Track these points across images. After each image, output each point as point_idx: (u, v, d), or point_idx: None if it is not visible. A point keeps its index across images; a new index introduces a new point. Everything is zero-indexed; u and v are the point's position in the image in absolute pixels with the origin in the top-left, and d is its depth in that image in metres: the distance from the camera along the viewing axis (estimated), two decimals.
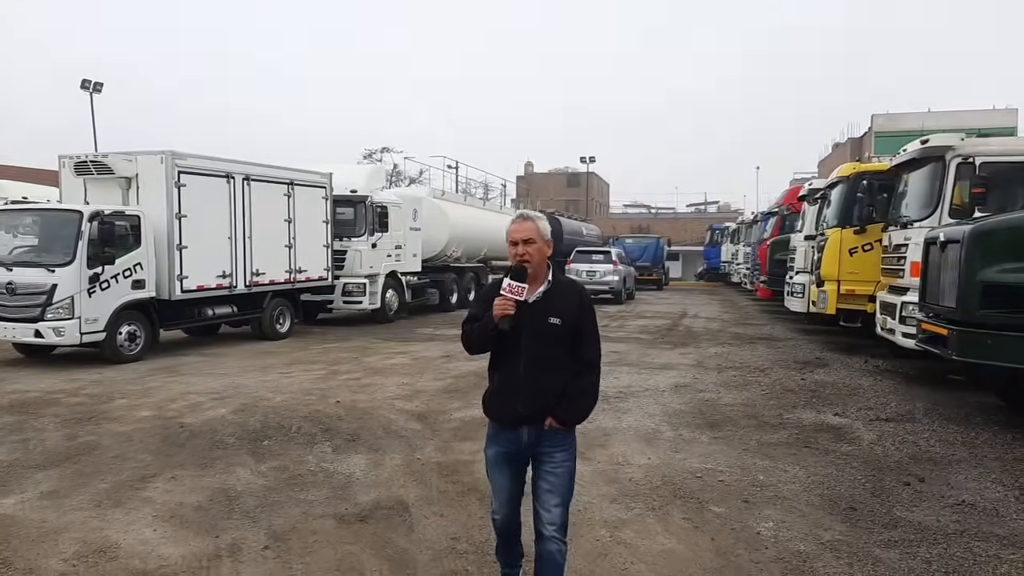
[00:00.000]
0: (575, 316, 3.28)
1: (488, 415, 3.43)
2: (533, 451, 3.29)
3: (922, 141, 10.23)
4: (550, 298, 3.27)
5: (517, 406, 3.24)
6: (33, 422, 7.47)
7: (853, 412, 8.09)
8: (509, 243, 3.31)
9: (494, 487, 3.43)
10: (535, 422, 3.25)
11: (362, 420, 7.54)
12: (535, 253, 3.25)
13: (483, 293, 3.47)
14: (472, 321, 3.36)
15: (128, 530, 4.62)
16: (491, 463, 3.41)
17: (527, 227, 3.28)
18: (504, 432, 3.34)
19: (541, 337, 3.22)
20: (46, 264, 10.48)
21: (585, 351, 3.32)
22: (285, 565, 4.10)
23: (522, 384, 3.23)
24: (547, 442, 3.27)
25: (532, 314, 3.20)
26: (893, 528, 4.72)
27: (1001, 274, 7.05)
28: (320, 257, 15.29)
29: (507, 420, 3.31)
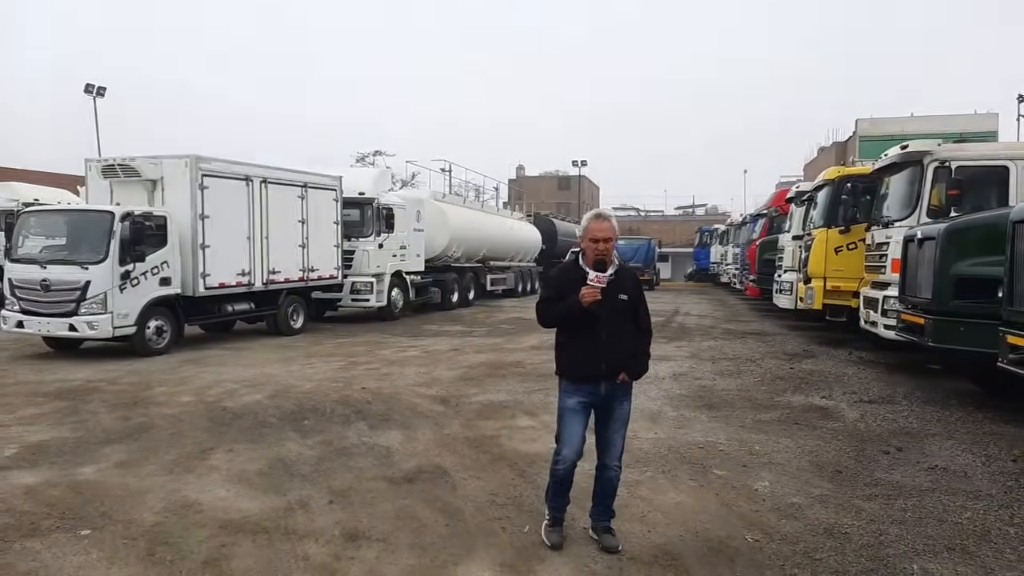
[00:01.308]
0: (636, 293, 4.17)
1: (569, 374, 4.16)
2: (606, 401, 4.10)
3: (902, 147, 10.97)
4: (619, 279, 4.06)
5: (601, 365, 4.02)
6: (84, 406, 8.07)
7: (839, 395, 8.80)
8: (589, 239, 4.04)
9: (568, 433, 4.10)
10: (611, 378, 4.06)
11: (389, 403, 8.19)
12: (610, 249, 4.03)
13: (554, 279, 4.33)
14: (549, 301, 4.16)
15: (204, 490, 5.25)
16: (570, 411, 4.11)
17: (607, 227, 4.04)
18: (584, 385, 4.08)
19: (616, 311, 4.04)
20: (80, 262, 11.06)
21: (643, 320, 4.23)
22: (352, 515, 4.75)
23: (604, 348, 4.00)
24: (619, 394, 4.13)
25: (607, 294, 3.96)
26: (874, 486, 5.41)
27: (972, 268, 7.80)
28: (331, 256, 15.92)
29: (590, 377, 4.06)
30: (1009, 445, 6.56)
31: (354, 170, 18.41)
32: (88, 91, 34.64)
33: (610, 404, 4.12)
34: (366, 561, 4.05)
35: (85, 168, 13.15)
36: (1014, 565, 4.03)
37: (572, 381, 4.14)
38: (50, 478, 5.52)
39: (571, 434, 4.08)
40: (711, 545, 4.29)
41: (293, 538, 4.36)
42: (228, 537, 4.38)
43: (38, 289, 11.19)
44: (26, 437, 6.73)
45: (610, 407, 4.12)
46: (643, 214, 80.00)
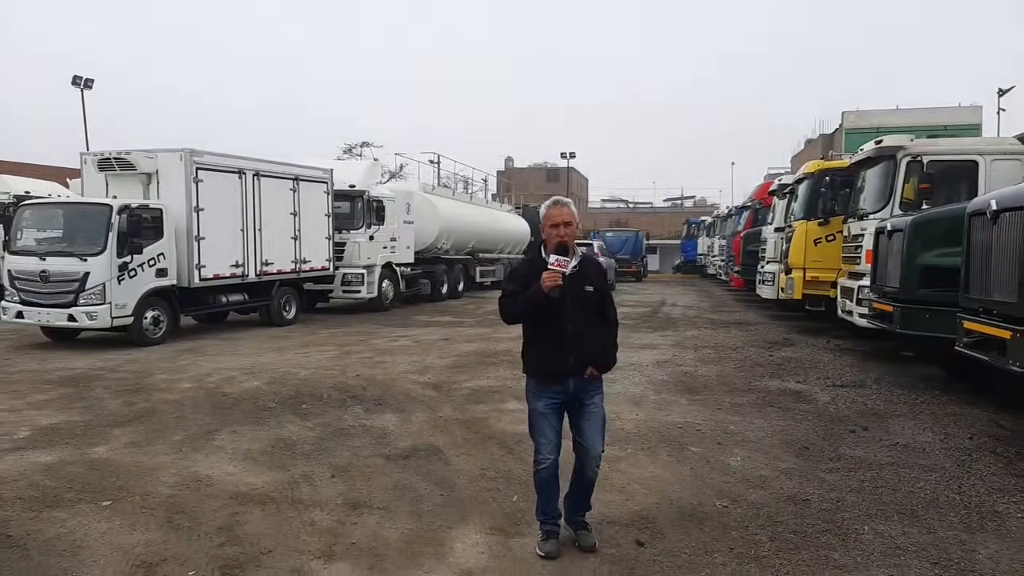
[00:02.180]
0: (601, 284, 4.09)
1: (536, 373, 4.01)
2: (576, 397, 3.96)
3: (876, 142, 11.41)
4: (584, 270, 3.95)
5: (568, 361, 3.87)
6: (89, 393, 8.39)
7: (813, 380, 9.23)
8: (549, 226, 3.94)
9: (542, 438, 3.96)
10: (579, 373, 3.92)
11: (383, 389, 8.54)
12: (571, 234, 3.93)
13: (517, 272, 4.24)
14: (513, 295, 3.98)
15: (213, 467, 5.60)
16: (540, 415, 3.97)
17: (565, 212, 3.94)
18: (552, 385, 3.95)
19: (582, 303, 3.92)
20: (79, 254, 11.33)
21: (609, 312, 4.13)
22: (353, 487, 5.11)
23: (571, 342, 3.86)
24: (588, 388, 3.99)
25: (572, 284, 3.83)
26: (837, 460, 5.83)
27: (937, 258, 8.24)
28: (322, 248, 16.23)
29: (557, 374, 3.92)
30: (968, 425, 6.99)
31: (345, 163, 18.73)
32: (76, 83, 34.61)
33: (581, 400, 3.98)
34: (368, 526, 4.42)
35: (80, 161, 13.39)
36: (955, 525, 4.44)
37: (539, 380, 4.00)
38: (66, 457, 5.85)
39: (545, 437, 3.96)
40: (684, 511, 4.68)
41: (299, 507, 4.73)
42: (239, 507, 4.73)
43: (37, 280, 11.46)
44: (38, 420, 7.05)
45: (581, 403, 3.98)
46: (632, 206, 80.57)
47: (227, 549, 4.09)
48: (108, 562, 3.92)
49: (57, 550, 4.09)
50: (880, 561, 3.94)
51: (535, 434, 4.01)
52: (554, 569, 3.88)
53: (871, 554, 4.03)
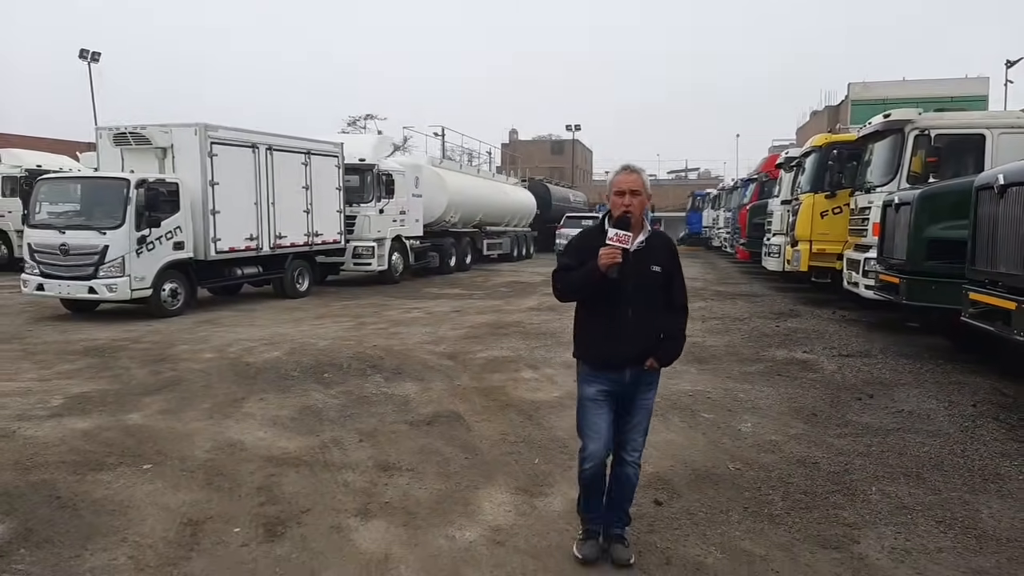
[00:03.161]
0: (670, 264, 3.55)
1: (589, 358, 3.59)
2: (630, 390, 3.54)
3: (885, 115, 11.49)
4: (651, 247, 3.49)
5: (626, 348, 3.45)
6: (114, 363, 8.62)
7: (819, 350, 9.43)
8: (614, 193, 3.45)
9: (590, 428, 3.54)
10: (638, 363, 3.49)
11: (401, 359, 8.76)
12: (639, 204, 3.42)
13: (573, 244, 3.68)
14: (565, 270, 3.53)
15: (244, 433, 5.83)
16: (591, 401, 3.54)
17: (633, 179, 3.43)
18: (605, 372, 3.51)
19: (645, 284, 3.45)
20: (98, 227, 11.52)
21: (679, 296, 3.61)
22: (381, 451, 5.35)
23: (630, 328, 3.43)
24: (645, 382, 3.57)
25: (636, 262, 3.39)
26: (845, 426, 6.04)
27: (944, 231, 8.39)
28: (334, 221, 16.39)
29: (613, 361, 3.49)
30: (971, 393, 7.20)
31: (354, 137, 18.85)
32: (83, 56, 34.57)
33: (634, 394, 3.56)
34: (399, 486, 4.65)
35: (96, 136, 13.53)
36: (958, 487, 4.67)
37: (592, 366, 3.57)
38: (101, 423, 6.08)
39: (594, 428, 3.53)
40: (698, 473, 4.91)
41: (332, 469, 4.96)
42: (274, 469, 4.97)
43: (57, 253, 11.65)
44: (69, 389, 7.28)
45: (633, 397, 3.57)
46: None
47: (268, 508, 4.32)
48: (157, 520, 4.16)
49: (106, 510, 4.32)
50: (887, 519, 4.16)
51: (583, 424, 3.59)
52: (579, 526, 4.09)
53: (879, 513, 4.25)
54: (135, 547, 3.83)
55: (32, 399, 6.87)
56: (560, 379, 7.75)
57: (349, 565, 3.65)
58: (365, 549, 3.81)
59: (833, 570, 3.58)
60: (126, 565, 3.65)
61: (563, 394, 7.12)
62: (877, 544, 3.85)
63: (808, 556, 3.72)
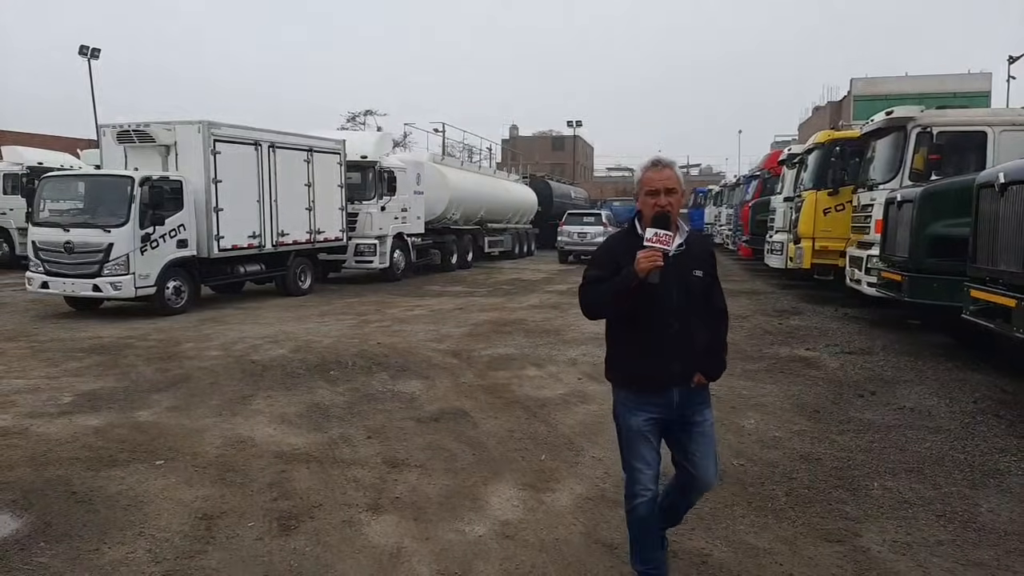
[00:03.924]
0: (711, 267, 3.18)
1: (629, 381, 3.16)
2: (681, 413, 3.11)
3: (887, 112, 11.53)
4: (690, 249, 3.09)
5: (673, 366, 3.03)
6: (121, 360, 8.69)
7: (821, 347, 9.50)
8: (646, 192, 3.05)
9: (637, 463, 3.12)
10: (685, 381, 3.07)
11: (405, 356, 8.83)
12: (676, 203, 3.04)
13: (601, 253, 3.25)
14: (595, 282, 3.10)
15: (254, 429, 5.90)
16: (637, 435, 3.11)
17: (666, 175, 3.03)
18: (649, 396, 3.09)
19: (689, 291, 3.05)
20: (102, 225, 11.58)
21: (717, 301, 3.23)
22: (389, 447, 5.42)
23: (675, 342, 3.02)
24: (696, 401, 3.14)
25: (675, 267, 2.98)
26: (847, 423, 6.11)
27: (946, 228, 8.45)
28: (336, 219, 16.46)
29: (658, 383, 3.07)
30: (972, 389, 7.26)
31: (356, 134, 18.92)
32: (83, 53, 34.59)
33: (687, 417, 3.12)
34: (408, 482, 4.72)
35: (99, 133, 13.59)
36: (959, 482, 4.73)
37: (634, 390, 3.14)
38: (112, 420, 6.15)
39: (643, 462, 3.11)
40: None
41: (341, 465, 5.03)
42: (285, 465, 5.04)
43: (62, 251, 11.72)
44: (77, 386, 7.35)
45: (688, 421, 3.13)
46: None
47: (280, 503, 4.39)
48: (172, 515, 4.23)
49: (121, 505, 4.39)
50: (889, 514, 4.23)
51: (630, 458, 3.16)
52: (587, 520, 4.17)
53: (880, 507, 4.32)
54: (152, 541, 3.90)
55: (43, 396, 6.94)
56: (564, 376, 7.82)
57: (362, 558, 3.72)
58: (377, 543, 3.88)
59: (835, 563, 3.65)
60: (144, 558, 3.72)
61: (568, 391, 7.20)
62: (879, 537, 3.92)
63: (811, 549, 3.79)
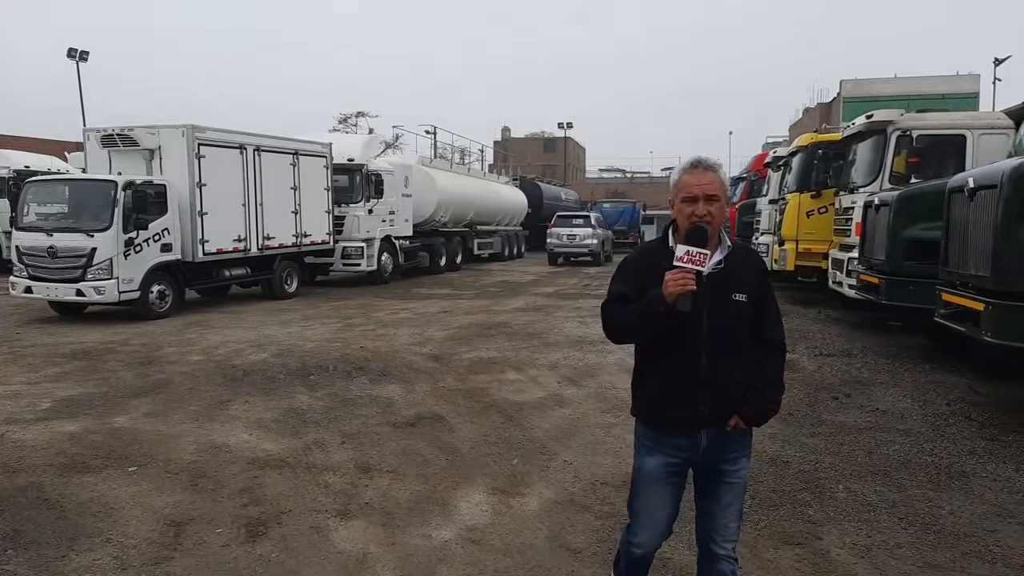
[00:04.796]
0: (760, 290, 2.69)
1: (651, 420, 2.77)
2: (709, 459, 2.72)
3: (867, 116, 11.63)
4: (732, 268, 2.63)
5: (700, 405, 2.62)
6: (102, 365, 8.69)
7: (801, 350, 9.56)
8: (682, 199, 2.59)
9: (646, 510, 2.78)
10: (718, 423, 2.67)
11: (387, 360, 8.86)
12: (718, 214, 2.55)
13: (630, 264, 2.79)
14: (621, 301, 2.65)
15: (229, 435, 5.92)
16: (652, 479, 2.75)
17: (709, 179, 2.56)
18: (673, 438, 2.71)
19: (726, 318, 2.60)
20: (85, 229, 11.57)
21: (771, 331, 2.76)
22: (363, 453, 5.45)
23: (706, 378, 2.60)
24: (730, 448, 2.72)
25: (712, 289, 2.54)
26: (819, 426, 6.17)
27: (922, 232, 8.52)
28: (322, 222, 16.48)
29: (684, 424, 2.67)
30: (946, 392, 7.34)
31: (343, 137, 18.93)
32: (71, 56, 34.49)
33: (716, 464, 2.72)
34: (379, 488, 4.75)
35: (84, 137, 13.59)
36: (923, 484, 4.79)
37: (654, 428, 2.77)
38: (89, 426, 6.16)
39: (653, 509, 2.76)
40: None
41: (314, 471, 5.06)
42: (257, 471, 5.06)
43: (45, 256, 11.71)
44: (56, 392, 7.36)
45: (717, 469, 2.73)
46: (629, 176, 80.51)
47: (250, 509, 4.42)
48: (141, 522, 4.25)
49: (92, 511, 4.41)
50: (851, 516, 4.28)
51: (635, 503, 2.81)
52: (553, 524, 4.21)
53: (843, 510, 4.37)
54: (119, 547, 3.92)
55: (21, 402, 6.95)
56: (544, 380, 7.87)
57: (327, 564, 3.75)
58: (343, 549, 3.91)
59: (794, 565, 3.70)
60: (110, 565, 3.74)
61: (546, 395, 7.24)
62: (839, 540, 3.97)
63: (771, 552, 3.84)
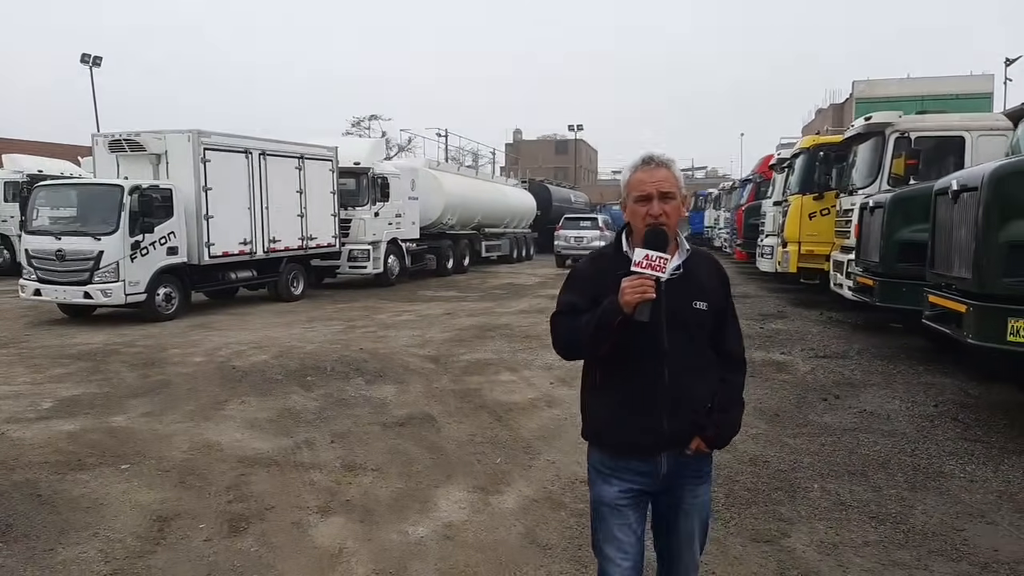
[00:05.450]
0: (720, 297, 2.48)
1: (608, 443, 2.48)
2: (670, 485, 2.46)
3: (866, 118, 11.64)
4: (691, 274, 2.39)
5: (661, 424, 2.35)
6: (105, 366, 8.86)
7: (797, 352, 9.60)
8: (634, 200, 2.36)
9: (608, 548, 2.45)
10: (679, 445, 2.41)
11: (384, 362, 8.98)
12: (674, 213, 2.34)
13: (581, 272, 2.54)
14: (571, 313, 2.42)
15: (222, 434, 6.05)
16: (611, 510, 2.45)
17: (662, 176, 2.33)
18: (631, 462, 2.43)
19: (687, 328, 2.37)
20: (92, 233, 11.78)
21: (731, 342, 2.54)
22: (350, 451, 5.56)
23: (667, 395, 2.35)
24: (689, 471, 2.46)
25: (671, 297, 2.30)
26: (804, 426, 6.22)
27: (914, 234, 8.54)
28: (328, 225, 16.64)
29: (643, 446, 2.40)
30: (937, 393, 7.37)
31: (350, 141, 19.04)
32: (84, 61, 34.94)
33: (676, 492, 2.48)
34: (362, 485, 4.86)
35: (92, 142, 13.80)
36: (899, 485, 4.84)
37: (612, 452, 2.48)
38: (87, 425, 6.32)
39: (614, 549, 2.44)
40: None
41: (300, 469, 5.18)
42: (246, 469, 5.19)
43: (54, 259, 11.93)
44: (59, 392, 7.53)
45: (677, 496, 2.48)
46: None
47: (234, 506, 4.54)
48: (128, 517, 4.38)
49: (82, 507, 4.55)
50: (823, 515, 4.35)
51: (600, 541, 2.50)
52: (528, 521, 4.30)
53: (815, 508, 4.44)
54: (105, 541, 4.05)
55: (23, 402, 7.12)
56: (537, 381, 7.95)
57: (304, 559, 3.86)
58: (321, 544, 4.02)
59: (759, 561, 3.77)
60: (95, 558, 3.87)
61: (537, 396, 7.33)
62: (807, 538, 4.04)
63: (739, 549, 3.91)
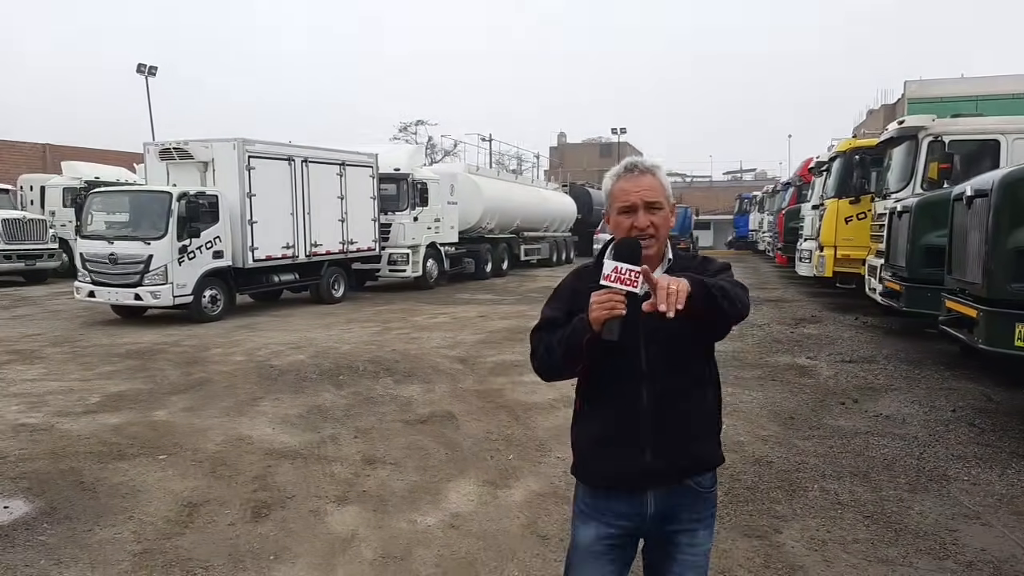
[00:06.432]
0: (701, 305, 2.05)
1: (588, 476, 2.24)
2: (661, 527, 2.18)
3: (899, 122, 11.59)
4: None
5: (644, 456, 2.11)
6: (152, 364, 9.34)
7: (823, 356, 9.61)
8: (618, 210, 2.16)
9: None
10: (668, 480, 2.14)
11: (415, 363, 9.28)
12: (662, 224, 2.15)
13: (563, 284, 2.35)
14: (550, 328, 2.20)
15: (254, 429, 6.40)
16: (589, 555, 2.19)
17: (649, 184, 2.14)
18: (613, 500, 2.17)
19: (670, 345, 2.11)
20: (142, 237, 12.37)
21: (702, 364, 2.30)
22: (371, 446, 5.85)
23: (649, 420, 2.11)
24: (686, 513, 2.18)
25: (649, 314, 1.91)
26: (816, 429, 6.31)
27: (940, 238, 8.49)
28: (368, 230, 17.09)
29: (626, 480, 2.15)
30: (958, 398, 7.35)
31: (390, 147, 19.52)
32: (140, 71, 36.21)
33: (670, 537, 2.19)
34: (379, 478, 5.14)
35: (144, 151, 14.49)
36: (900, 486, 4.92)
37: (591, 488, 2.24)
38: (130, 419, 6.74)
39: None
40: None
41: (323, 461, 5.48)
42: (272, 461, 5.51)
43: (106, 262, 12.56)
44: (107, 388, 8.00)
45: (671, 543, 2.20)
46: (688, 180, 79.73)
47: (259, 494, 4.86)
48: (161, 503, 4.73)
49: (120, 493, 4.92)
50: (817, 513, 4.47)
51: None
52: (531, 513, 4.52)
53: (812, 507, 4.56)
54: (138, 524, 4.40)
55: (73, 397, 7.59)
56: (558, 383, 8.12)
57: (318, 543, 4.14)
58: (334, 530, 4.30)
59: (746, 555, 3.93)
60: (128, 538, 4.21)
61: (557, 396, 7.50)
62: (798, 535, 4.17)
63: (729, 544, 4.06)
